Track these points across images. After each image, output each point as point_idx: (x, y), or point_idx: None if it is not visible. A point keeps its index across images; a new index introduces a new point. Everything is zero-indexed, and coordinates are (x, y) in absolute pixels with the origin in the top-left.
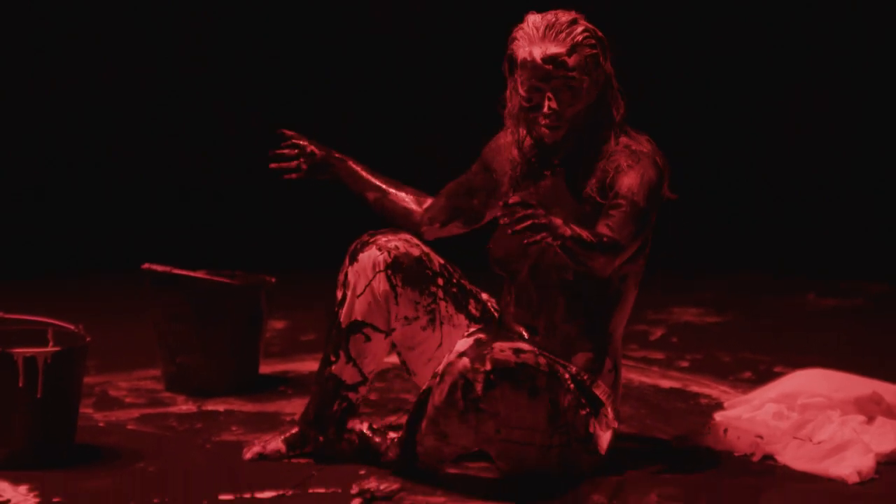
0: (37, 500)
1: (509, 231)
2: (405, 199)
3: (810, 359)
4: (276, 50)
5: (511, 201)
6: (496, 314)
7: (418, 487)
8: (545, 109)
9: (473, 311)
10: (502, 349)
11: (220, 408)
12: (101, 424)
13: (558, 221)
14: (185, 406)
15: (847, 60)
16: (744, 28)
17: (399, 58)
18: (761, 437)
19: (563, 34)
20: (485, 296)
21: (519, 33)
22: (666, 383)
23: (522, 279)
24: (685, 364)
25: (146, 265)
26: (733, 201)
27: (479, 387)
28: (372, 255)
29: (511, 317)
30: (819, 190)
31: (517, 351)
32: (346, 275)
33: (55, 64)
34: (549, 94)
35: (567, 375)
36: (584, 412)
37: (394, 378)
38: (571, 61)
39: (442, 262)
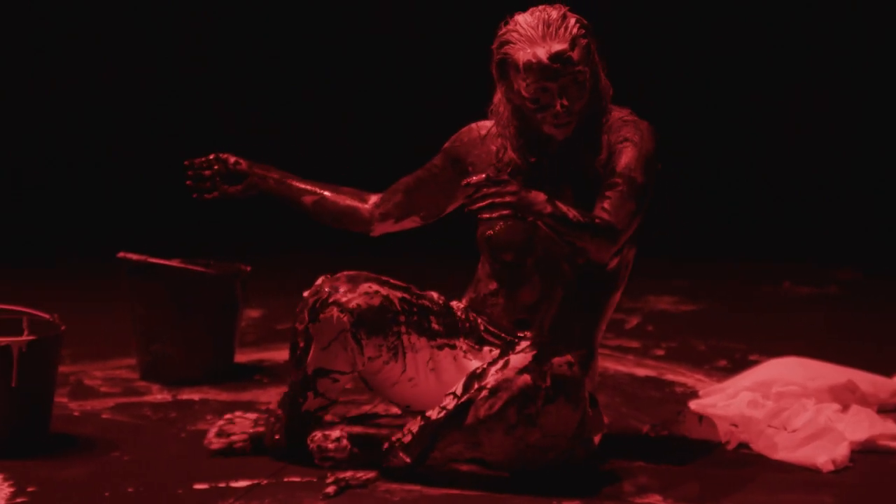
0: (11, 489)
1: (466, 210)
2: (346, 197)
3: (785, 347)
4: (276, 50)
5: (474, 180)
6: (458, 311)
7: (393, 476)
8: (558, 108)
9: (436, 327)
10: (560, 364)
11: (196, 397)
12: (75, 414)
13: (538, 198)
14: (160, 395)
15: (845, 59)
16: (744, 28)
17: (399, 58)
18: (736, 425)
19: (562, 30)
20: (434, 294)
21: (512, 36)
22: (641, 372)
23: (525, 270)
24: (660, 352)
25: (121, 254)
26: (708, 190)
27: (539, 403)
28: (334, 317)
29: (500, 308)
30: (792, 179)
31: (570, 364)
32: (306, 328)
33: (55, 64)
34: (560, 92)
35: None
36: (591, 413)
37: None
38: (575, 55)
39: (400, 294)
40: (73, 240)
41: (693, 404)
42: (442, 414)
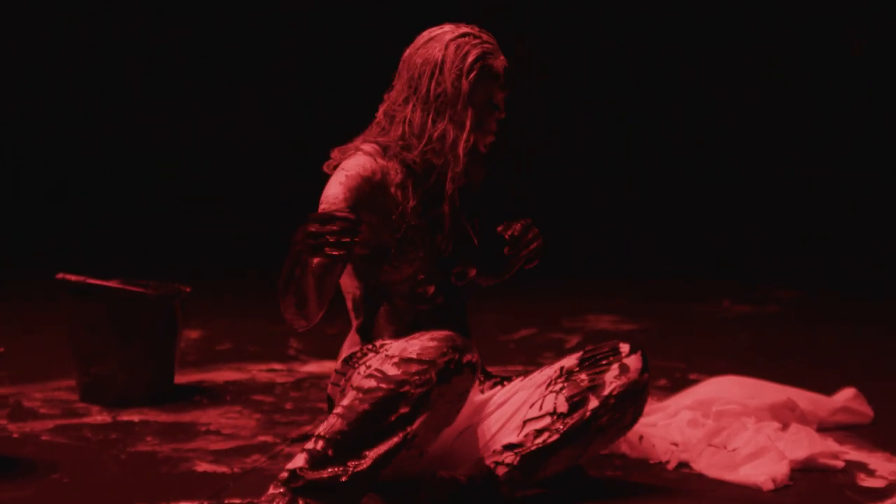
0: None
1: (522, 264)
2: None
3: (725, 366)
4: (269, 50)
5: (518, 232)
6: None
7: None
8: (503, 113)
9: None
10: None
11: (135, 418)
12: (15, 436)
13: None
14: (99, 416)
15: (788, 74)
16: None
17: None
18: (676, 444)
19: None
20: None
21: (487, 47)
22: None
23: (434, 297)
24: None
25: (60, 275)
26: (647, 210)
27: (645, 396)
28: (466, 382)
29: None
30: (734, 198)
31: None
32: (428, 392)
33: None
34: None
35: None
36: None
37: (310, 387)
38: None
39: None
40: (10, 261)
41: None
42: (553, 437)
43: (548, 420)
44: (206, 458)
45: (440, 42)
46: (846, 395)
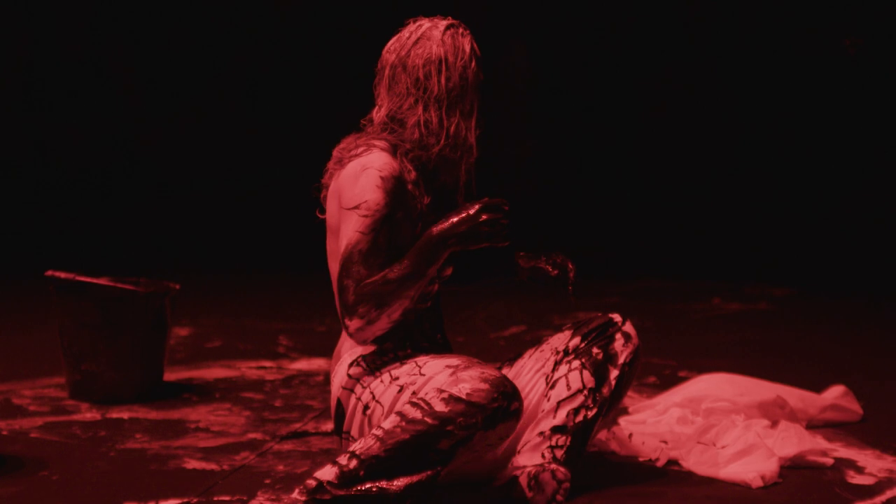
0: None
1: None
2: None
3: (715, 363)
4: (269, 50)
5: (572, 273)
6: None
7: None
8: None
9: None
10: None
11: (125, 415)
12: (4, 433)
13: None
14: (89, 414)
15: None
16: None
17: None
18: (666, 441)
19: None
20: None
21: (469, 32)
22: None
23: (432, 298)
24: None
25: (49, 272)
26: (639, 207)
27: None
28: (510, 428)
29: (429, 333)
30: (725, 196)
31: None
32: (471, 435)
33: None
34: None
35: None
36: None
37: (299, 385)
38: None
39: None
40: (10, 261)
41: (623, 421)
42: (592, 412)
43: (581, 398)
44: (195, 455)
45: (432, 39)
46: (835, 392)
